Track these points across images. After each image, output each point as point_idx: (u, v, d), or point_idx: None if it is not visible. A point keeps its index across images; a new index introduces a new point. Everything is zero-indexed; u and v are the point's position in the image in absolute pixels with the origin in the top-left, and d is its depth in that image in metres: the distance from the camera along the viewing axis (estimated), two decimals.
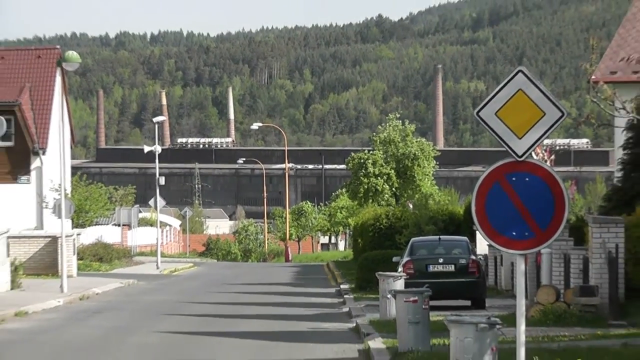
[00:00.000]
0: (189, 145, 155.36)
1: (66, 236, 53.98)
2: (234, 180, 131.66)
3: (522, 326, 16.58)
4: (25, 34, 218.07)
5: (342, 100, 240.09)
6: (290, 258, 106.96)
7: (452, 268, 42.68)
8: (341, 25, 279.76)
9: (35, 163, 73.06)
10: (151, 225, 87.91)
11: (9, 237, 51.92)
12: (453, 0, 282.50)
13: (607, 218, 36.68)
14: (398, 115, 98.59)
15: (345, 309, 43.71)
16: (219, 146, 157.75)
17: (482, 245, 48.43)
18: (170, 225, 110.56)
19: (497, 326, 18.58)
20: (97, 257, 71.91)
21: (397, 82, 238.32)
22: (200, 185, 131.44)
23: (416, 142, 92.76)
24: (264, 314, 42.28)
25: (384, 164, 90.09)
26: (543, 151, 60.71)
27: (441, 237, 48.00)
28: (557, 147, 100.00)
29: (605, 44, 55.42)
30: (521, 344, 16.47)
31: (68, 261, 53.19)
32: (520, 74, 16.54)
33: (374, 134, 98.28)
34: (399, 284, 35.77)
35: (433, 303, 28.78)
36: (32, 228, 65.34)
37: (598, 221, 35.83)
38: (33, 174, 73.01)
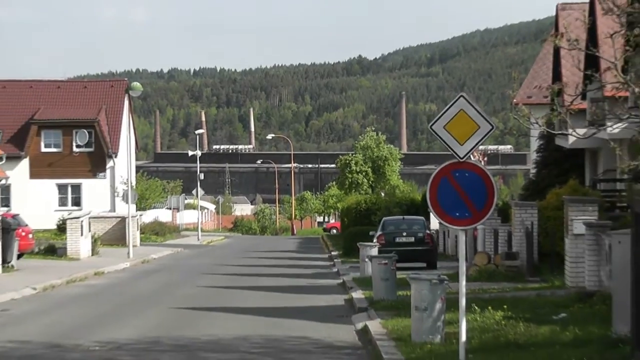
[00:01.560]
0: (221, 150, 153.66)
1: (132, 217, 55.19)
2: (254, 176, 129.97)
3: (463, 282, 16.28)
4: (102, 69, 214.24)
5: (333, 117, 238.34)
6: (295, 232, 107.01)
7: (412, 239, 42.94)
8: (332, 63, 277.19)
9: (109, 163, 73.66)
10: (193, 208, 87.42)
11: (90, 218, 53.05)
12: (413, 45, 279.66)
13: (525, 203, 37.38)
14: (373, 129, 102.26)
15: (335, 270, 44.33)
16: (243, 151, 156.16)
17: (435, 223, 48.68)
18: (207, 209, 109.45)
19: (445, 282, 18.49)
20: (154, 232, 72.72)
21: (372, 104, 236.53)
22: (229, 180, 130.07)
23: (386, 147, 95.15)
24: (275, 273, 42.53)
25: (363, 164, 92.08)
26: (478, 154, 60.74)
27: (404, 217, 48.29)
28: (489, 151, 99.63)
29: (524, 76, 55.81)
30: (462, 295, 16.13)
31: (133, 235, 54.18)
32: (461, 98, 16.44)
33: (356, 142, 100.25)
34: (374, 251, 35.56)
35: (399, 265, 28.58)
36: (107, 211, 65.45)
37: (518, 205, 36.89)
38: (108, 171, 73.62)
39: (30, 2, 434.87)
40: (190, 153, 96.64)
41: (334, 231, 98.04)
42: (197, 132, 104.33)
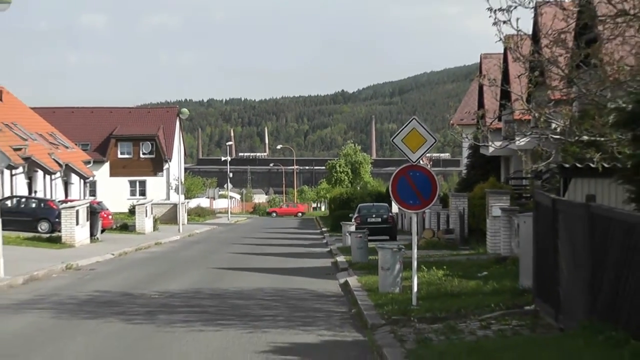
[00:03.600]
0: (244, 157, 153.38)
1: (181, 203, 55.05)
2: (267, 175, 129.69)
3: (415, 249, 16.34)
4: (160, 99, 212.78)
5: (323, 133, 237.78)
6: (297, 215, 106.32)
7: (379, 220, 42.51)
8: (322, 95, 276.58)
9: (165, 166, 74.17)
10: (225, 197, 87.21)
11: (152, 204, 53.06)
12: (380, 82, 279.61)
13: (459, 194, 37.17)
14: (352, 142, 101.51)
15: (324, 241, 43.93)
16: (259, 157, 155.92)
17: (395, 208, 48.04)
18: (234, 198, 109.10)
19: (402, 249, 18.55)
20: (197, 214, 72.64)
21: (351, 124, 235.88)
22: (250, 177, 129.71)
23: (361, 155, 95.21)
24: (282, 243, 42.26)
25: (344, 166, 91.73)
26: (426, 160, 60.62)
27: (374, 203, 47.88)
28: (433, 157, 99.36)
29: (457, 105, 55.65)
30: (414, 259, 16.08)
31: (182, 216, 54.02)
32: (413, 120, 16.39)
33: (339, 151, 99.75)
34: (352, 228, 35.18)
35: (369, 238, 28.33)
36: (164, 199, 65.41)
37: (454, 195, 36.89)
38: (164, 171, 74.10)
39: (108, 49, 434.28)
40: (223, 158, 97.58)
41: (274, 215, 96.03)
42: (227, 144, 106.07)
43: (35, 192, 48.64)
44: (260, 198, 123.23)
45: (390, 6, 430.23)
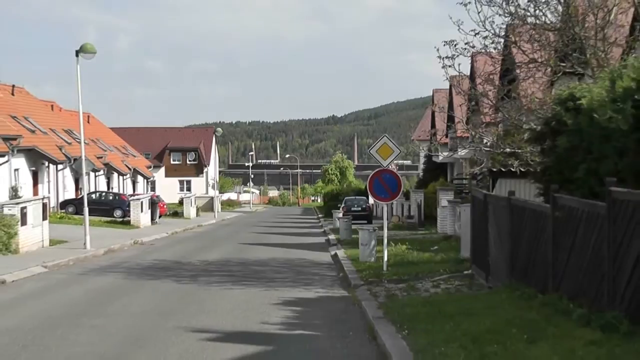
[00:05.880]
0: (262, 163, 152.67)
1: (216, 197, 54.52)
2: (279, 176, 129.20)
3: (385, 230, 16.08)
4: (200, 121, 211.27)
5: (319, 146, 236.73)
6: (300, 205, 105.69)
7: (360, 209, 41.92)
8: (319, 118, 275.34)
9: (204, 170, 73.82)
10: (248, 192, 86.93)
11: (195, 197, 52.22)
12: (360, 109, 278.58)
13: (417, 190, 37.72)
14: (340, 152, 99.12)
15: (320, 224, 43.31)
16: (273, 163, 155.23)
17: (371, 200, 47.84)
18: (255, 192, 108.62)
19: (376, 230, 18.38)
20: (228, 205, 71.69)
21: (340, 140, 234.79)
22: (266, 178, 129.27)
23: (347, 162, 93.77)
24: (289, 225, 42.15)
25: (335, 170, 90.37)
26: (394, 165, 60.66)
27: (356, 197, 47.33)
28: (398, 164, 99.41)
29: (416, 125, 55.21)
30: (385, 237, 15.87)
31: (217, 206, 52.93)
32: (385, 137, 16.17)
33: (331, 159, 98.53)
34: (340, 215, 35.48)
35: (353, 222, 28.42)
36: (204, 194, 64.97)
37: (414, 191, 37.51)
38: (204, 173, 73.45)
39: (164, 85, 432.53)
40: (246, 164, 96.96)
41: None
42: (249, 153, 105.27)
43: (112, 188, 48.34)
44: (273, 193, 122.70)
45: (368, 57, 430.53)
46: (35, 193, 34.20)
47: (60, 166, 38.15)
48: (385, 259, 15.74)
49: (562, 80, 14.07)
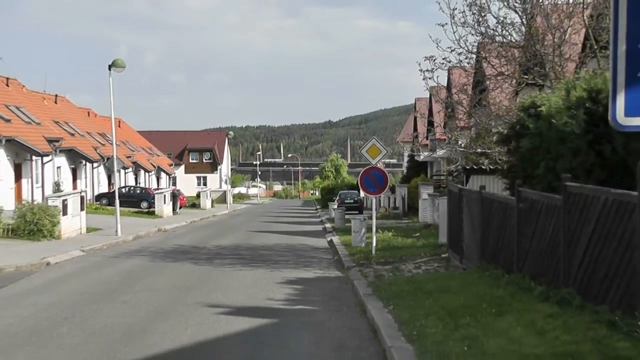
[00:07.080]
0: (268, 161, 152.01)
1: (229, 191, 53.00)
2: (282, 173, 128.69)
3: (374, 219, 16.07)
4: (215, 125, 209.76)
5: (318, 147, 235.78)
6: (300, 198, 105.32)
7: (352, 201, 40.92)
8: (317, 122, 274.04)
9: (218, 167, 72.75)
10: (256, 187, 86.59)
11: (210, 191, 51.79)
12: (352, 115, 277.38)
13: (402, 185, 36.91)
14: (335, 153, 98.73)
15: (318, 214, 42.84)
16: (278, 162, 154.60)
17: (362, 194, 47.42)
18: (262, 187, 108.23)
19: (366, 219, 18.14)
20: (238, 197, 71.17)
21: (335, 141, 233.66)
22: (271, 174, 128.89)
23: (341, 160, 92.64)
24: (291, 215, 41.64)
25: (331, 167, 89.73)
26: (382, 164, 60.32)
27: (349, 191, 46.34)
28: (385, 162, 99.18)
29: (401, 129, 54.82)
30: (374, 225, 15.85)
31: (229, 199, 51.95)
32: (374, 139, 15.94)
33: (327, 158, 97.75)
34: (335, 206, 34.06)
35: (346, 212, 28.26)
36: (218, 188, 64.60)
37: (399, 186, 36.97)
38: (218, 171, 72.91)
39: (184, 95, 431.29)
40: (254, 163, 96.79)
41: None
42: (257, 153, 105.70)
43: (139, 183, 48.21)
44: (277, 187, 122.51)
45: (359, 70, 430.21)
46: (75, 187, 34.41)
47: (95, 164, 38.59)
48: (374, 244, 15.61)
49: (525, 91, 14.11)
